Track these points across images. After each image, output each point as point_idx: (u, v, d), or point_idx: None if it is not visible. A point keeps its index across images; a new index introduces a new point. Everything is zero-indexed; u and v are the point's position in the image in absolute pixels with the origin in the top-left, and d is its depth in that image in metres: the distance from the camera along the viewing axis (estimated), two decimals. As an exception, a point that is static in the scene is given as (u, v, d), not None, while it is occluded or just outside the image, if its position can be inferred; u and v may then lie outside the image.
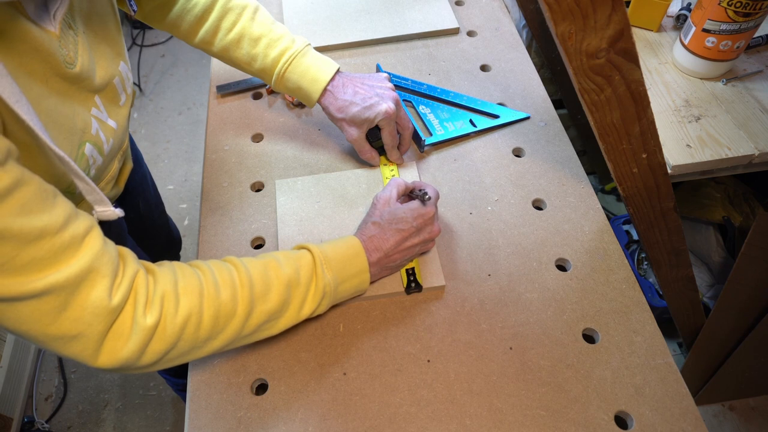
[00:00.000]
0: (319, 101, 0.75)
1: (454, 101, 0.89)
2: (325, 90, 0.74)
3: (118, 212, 0.52)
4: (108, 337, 0.47)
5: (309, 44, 0.75)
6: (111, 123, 0.60)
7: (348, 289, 0.62)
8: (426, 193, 0.67)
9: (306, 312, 0.59)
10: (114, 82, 0.60)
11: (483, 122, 0.86)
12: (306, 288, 0.58)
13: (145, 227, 0.96)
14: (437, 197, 0.68)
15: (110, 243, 0.48)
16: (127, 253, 0.51)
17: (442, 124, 0.86)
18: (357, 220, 0.75)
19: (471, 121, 0.86)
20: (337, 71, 0.75)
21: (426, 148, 0.83)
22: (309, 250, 0.61)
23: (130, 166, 0.75)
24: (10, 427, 1.33)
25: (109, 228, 0.75)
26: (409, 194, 0.70)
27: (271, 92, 0.93)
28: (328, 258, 0.60)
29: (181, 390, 1.24)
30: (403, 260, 0.66)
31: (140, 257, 0.85)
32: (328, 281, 0.59)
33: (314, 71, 0.73)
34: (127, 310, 0.47)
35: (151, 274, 0.51)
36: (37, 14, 0.47)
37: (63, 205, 0.44)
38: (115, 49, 0.61)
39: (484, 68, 0.95)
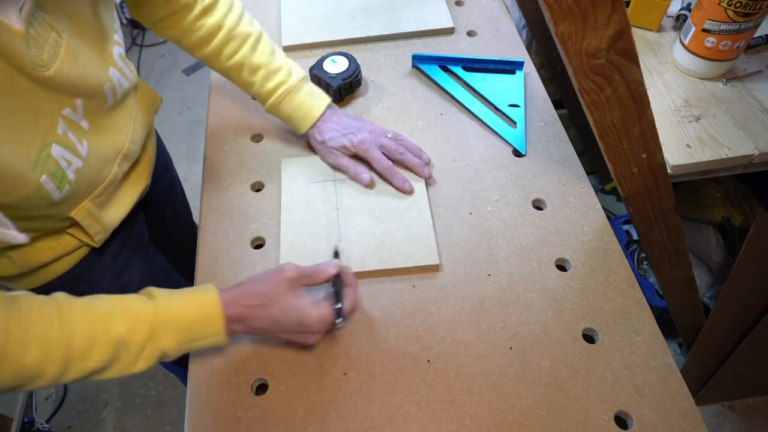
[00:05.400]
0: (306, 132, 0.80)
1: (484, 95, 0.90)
2: (314, 124, 0.79)
3: (21, 239, 0.54)
4: None
5: (305, 77, 0.79)
6: (83, 124, 0.58)
7: (201, 346, 0.58)
8: (340, 307, 0.60)
9: (140, 368, 0.55)
10: (104, 88, 0.59)
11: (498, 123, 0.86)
12: (140, 348, 0.54)
13: (169, 233, 0.95)
14: (351, 310, 0.62)
15: None
16: None
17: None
18: (359, 202, 0.76)
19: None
20: (328, 106, 0.79)
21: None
22: (154, 305, 0.55)
23: (145, 171, 0.74)
24: (10, 427, 1.33)
25: (128, 234, 0.75)
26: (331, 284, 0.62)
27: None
28: (174, 319, 0.55)
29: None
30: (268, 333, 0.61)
31: (159, 262, 0.85)
32: (166, 343, 0.55)
33: (306, 108, 0.78)
34: None
35: None
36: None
37: None
38: (104, 55, 0.60)
39: (484, 68, 0.95)
